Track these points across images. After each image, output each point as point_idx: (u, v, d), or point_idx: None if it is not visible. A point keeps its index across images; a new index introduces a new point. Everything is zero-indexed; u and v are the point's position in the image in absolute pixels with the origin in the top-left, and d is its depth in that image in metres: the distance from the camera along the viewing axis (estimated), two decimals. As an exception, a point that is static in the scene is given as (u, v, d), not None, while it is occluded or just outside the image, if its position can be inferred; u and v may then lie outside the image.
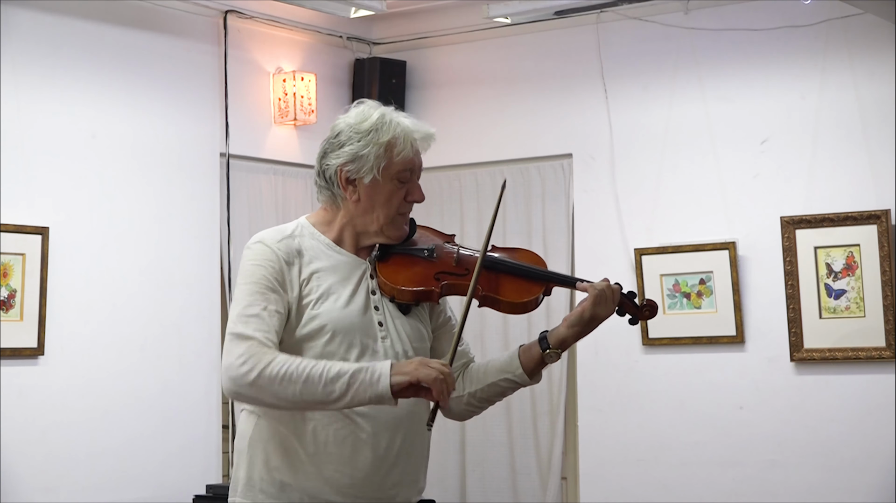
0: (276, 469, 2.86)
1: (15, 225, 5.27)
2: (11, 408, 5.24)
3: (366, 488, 2.86)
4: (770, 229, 5.86)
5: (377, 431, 2.86)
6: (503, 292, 2.97)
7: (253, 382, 2.74)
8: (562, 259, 6.44)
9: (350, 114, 2.98)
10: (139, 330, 5.73)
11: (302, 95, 6.38)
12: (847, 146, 5.75)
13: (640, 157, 6.25)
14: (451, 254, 3.01)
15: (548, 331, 3.01)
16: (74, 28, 5.59)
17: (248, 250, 2.91)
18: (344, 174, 2.92)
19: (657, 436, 6.12)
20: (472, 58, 6.79)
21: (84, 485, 5.47)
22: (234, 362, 2.76)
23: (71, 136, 5.55)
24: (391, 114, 2.95)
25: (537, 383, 3.06)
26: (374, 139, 2.90)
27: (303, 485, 2.85)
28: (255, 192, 6.31)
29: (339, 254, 2.94)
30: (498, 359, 3.05)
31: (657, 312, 3.10)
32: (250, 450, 2.90)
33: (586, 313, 2.96)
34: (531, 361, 3.00)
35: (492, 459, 6.57)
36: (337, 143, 2.94)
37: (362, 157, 2.90)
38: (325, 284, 2.88)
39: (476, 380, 3.05)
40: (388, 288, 2.94)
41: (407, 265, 2.97)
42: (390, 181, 2.92)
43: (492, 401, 3.07)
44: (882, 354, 5.60)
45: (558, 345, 2.98)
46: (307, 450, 2.84)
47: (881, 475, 5.57)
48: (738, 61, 6.02)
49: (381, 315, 2.93)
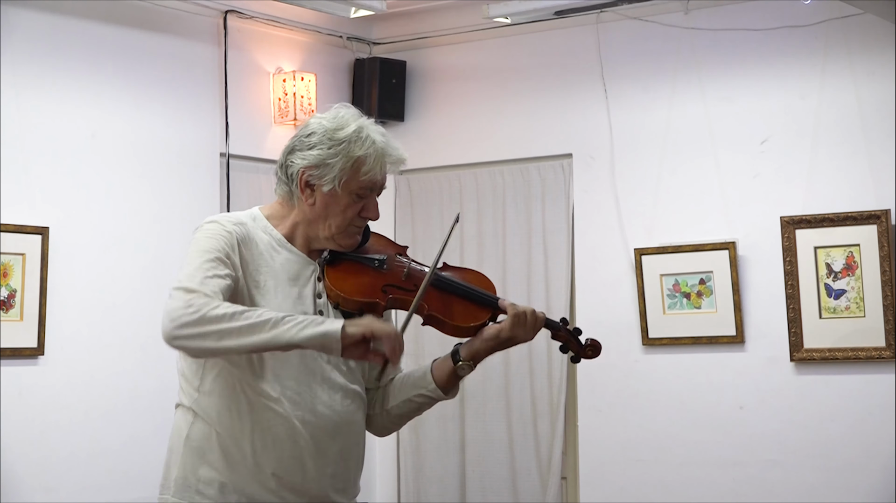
0: (215, 469, 2.81)
1: (15, 225, 5.27)
2: (11, 408, 5.24)
3: (303, 491, 2.84)
4: (770, 229, 5.86)
5: (316, 436, 2.83)
6: (449, 314, 2.91)
7: (197, 321, 2.63)
8: (562, 259, 6.44)
9: (327, 115, 2.89)
10: (139, 330, 5.73)
11: (302, 95, 6.38)
12: (847, 146, 5.75)
13: (640, 157, 6.25)
14: (402, 267, 2.94)
15: (461, 343, 2.95)
16: (74, 28, 5.59)
17: (201, 228, 2.84)
18: (305, 177, 2.85)
19: (657, 436, 6.12)
20: (472, 58, 6.79)
21: (84, 485, 5.47)
22: (176, 307, 2.67)
23: (71, 136, 5.55)
24: (369, 128, 2.86)
25: (453, 397, 3.00)
26: (346, 151, 2.83)
27: (240, 486, 2.80)
28: (255, 192, 6.30)
29: (289, 252, 2.89)
30: (413, 374, 3.00)
31: (600, 353, 3.02)
32: (186, 449, 2.85)
33: (503, 333, 2.90)
34: (444, 375, 2.94)
35: (492, 459, 6.57)
36: (307, 143, 2.86)
37: (328, 165, 2.83)
38: (271, 281, 2.83)
39: (392, 396, 3.00)
40: (332, 294, 2.87)
41: (355, 273, 2.90)
42: (348, 195, 2.85)
43: (409, 417, 3.02)
44: (882, 354, 5.60)
45: (470, 357, 2.92)
46: (244, 452, 2.80)
47: (881, 475, 5.57)
48: (738, 61, 6.01)
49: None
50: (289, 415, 2.81)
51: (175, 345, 2.71)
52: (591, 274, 6.34)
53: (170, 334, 2.69)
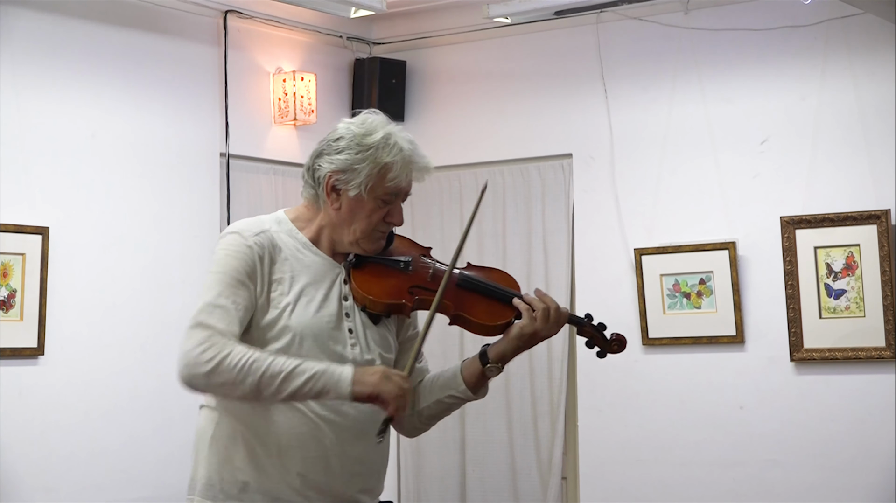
0: (238, 469, 2.82)
1: (15, 225, 5.27)
2: (11, 408, 5.24)
3: (327, 491, 2.85)
4: (770, 229, 5.86)
5: (340, 437, 2.84)
6: (475, 313, 2.94)
7: (211, 371, 2.69)
8: (562, 259, 6.44)
9: (356, 121, 2.92)
10: (139, 330, 5.73)
11: (302, 95, 6.38)
12: (847, 146, 5.75)
13: (640, 157, 6.25)
14: (427, 268, 2.97)
15: (489, 344, 2.97)
16: (74, 28, 5.59)
17: (223, 239, 2.88)
18: (332, 181, 2.88)
19: (657, 436, 6.12)
20: (472, 58, 6.79)
21: (84, 485, 5.47)
22: (191, 349, 2.72)
23: (71, 136, 5.55)
24: (397, 135, 2.89)
25: (483, 398, 3.03)
26: (373, 157, 2.85)
27: (264, 485, 2.82)
28: (255, 192, 6.31)
29: (314, 255, 2.91)
30: (443, 375, 3.02)
31: (626, 347, 3.07)
32: (211, 449, 2.86)
33: (526, 329, 2.92)
34: (473, 376, 2.96)
35: (492, 459, 6.57)
36: (335, 148, 2.89)
37: (355, 170, 2.86)
38: (297, 285, 2.85)
39: (423, 398, 3.02)
40: (360, 297, 2.90)
41: (382, 276, 2.93)
42: (374, 200, 2.88)
43: (439, 417, 3.05)
44: (882, 354, 5.60)
45: (498, 359, 2.94)
46: (269, 452, 2.82)
47: (881, 475, 5.57)
48: (738, 61, 6.02)
49: (351, 322, 2.90)
50: (314, 414, 2.82)
51: (189, 388, 2.78)
52: (591, 274, 6.34)
53: (185, 379, 2.75)
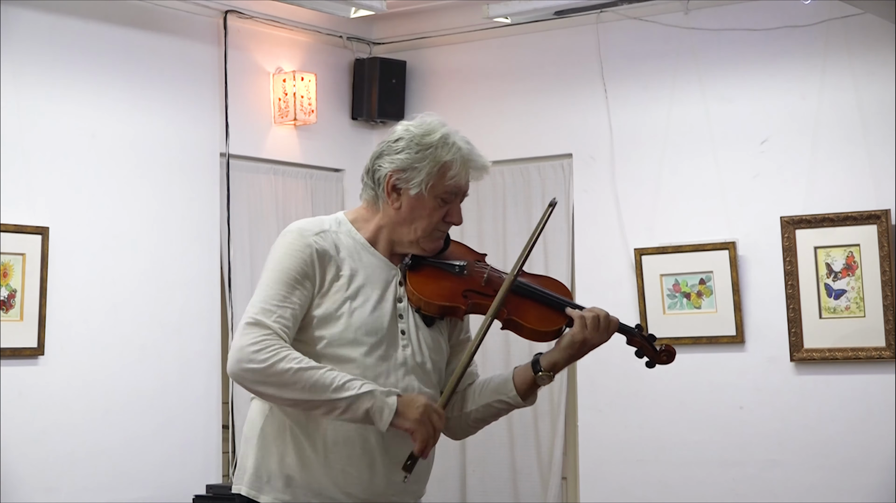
0: (285, 464, 2.87)
1: (15, 225, 5.27)
2: (11, 408, 5.24)
3: (370, 490, 2.89)
4: (770, 229, 5.86)
5: (387, 436, 2.87)
6: (527, 318, 2.99)
7: (263, 370, 2.75)
8: (562, 259, 6.44)
9: (414, 122, 2.98)
10: (139, 330, 5.73)
11: (302, 95, 6.38)
12: (847, 146, 5.75)
13: (640, 157, 6.25)
14: (482, 273, 3.02)
15: (541, 353, 3.02)
16: (74, 28, 5.59)
17: (283, 237, 2.92)
18: (392, 180, 2.92)
19: (657, 436, 6.12)
20: (472, 58, 6.79)
21: (84, 485, 5.48)
22: (247, 346, 2.77)
23: (71, 136, 5.56)
24: (455, 135, 2.96)
25: (532, 405, 3.09)
26: (433, 155, 2.92)
27: (309, 482, 2.86)
28: (255, 192, 6.31)
29: (372, 256, 2.96)
30: (494, 380, 3.07)
31: (675, 358, 3.09)
32: (260, 442, 2.91)
33: (577, 337, 2.98)
34: (525, 383, 3.03)
35: (492, 459, 6.57)
36: (395, 148, 2.94)
37: (416, 168, 2.91)
38: (354, 284, 2.90)
39: (472, 401, 3.07)
40: (415, 298, 2.95)
41: (437, 278, 2.98)
42: (434, 199, 2.93)
43: (487, 422, 3.11)
44: (882, 354, 5.60)
45: (550, 367, 3.01)
46: (316, 448, 2.86)
47: (881, 475, 5.57)
48: (738, 61, 6.02)
49: (405, 323, 2.94)
50: None
51: (237, 383, 2.83)
52: (591, 274, 6.34)
53: (235, 374, 2.80)
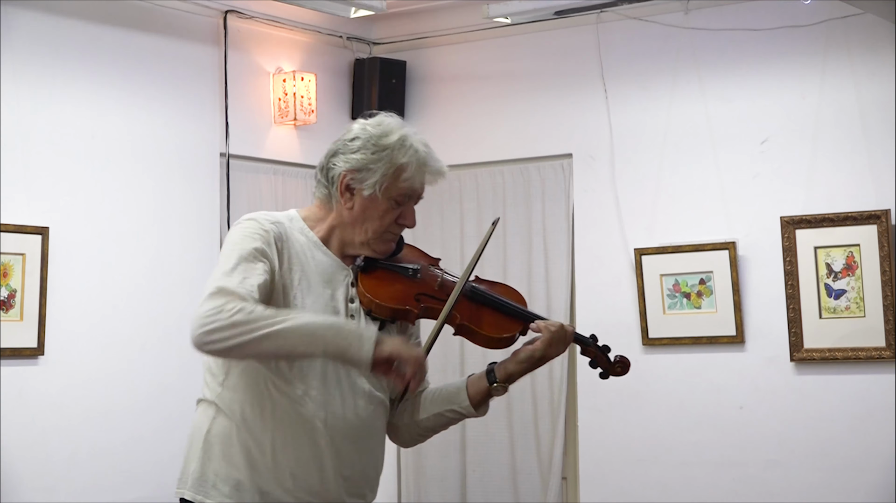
0: (233, 467, 2.82)
1: (15, 225, 5.27)
2: (11, 408, 5.24)
3: (319, 492, 2.84)
4: (770, 229, 5.86)
5: (336, 439, 2.84)
6: (481, 324, 2.95)
7: (230, 325, 2.61)
8: (562, 259, 6.44)
9: (372, 122, 2.93)
10: (139, 330, 5.73)
11: (302, 95, 6.38)
12: (847, 146, 5.75)
13: (640, 157, 6.25)
14: (436, 277, 2.98)
15: (496, 363, 2.98)
16: (74, 28, 5.59)
17: (238, 224, 2.86)
18: (346, 180, 2.89)
19: (657, 436, 6.12)
20: (472, 58, 6.79)
21: (84, 485, 5.47)
22: (208, 311, 2.63)
23: (71, 136, 5.55)
24: (413, 138, 2.92)
25: (483, 415, 3.02)
26: (389, 157, 2.87)
27: (258, 485, 2.81)
28: (255, 192, 6.31)
29: (323, 255, 2.92)
30: (446, 389, 3.02)
31: (629, 370, 3.05)
32: (206, 445, 2.85)
33: (537, 353, 2.94)
34: (479, 394, 2.98)
35: (492, 459, 6.57)
36: (351, 147, 2.90)
37: (370, 169, 2.87)
38: (305, 281, 2.85)
39: (424, 409, 3.02)
40: (366, 300, 2.90)
41: (389, 281, 2.94)
42: (387, 200, 2.89)
43: (436, 431, 3.05)
44: (882, 354, 5.60)
45: (505, 379, 2.96)
46: (264, 451, 2.81)
47: (881, 475, 5.57)
48: (738, 61, 6.02)
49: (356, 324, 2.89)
50: (311, 415, 2.82)
51: (205, 351, 2.68)
52: (591, 274, 6.34)
53: (200, 340, 2.65)
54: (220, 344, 2.64)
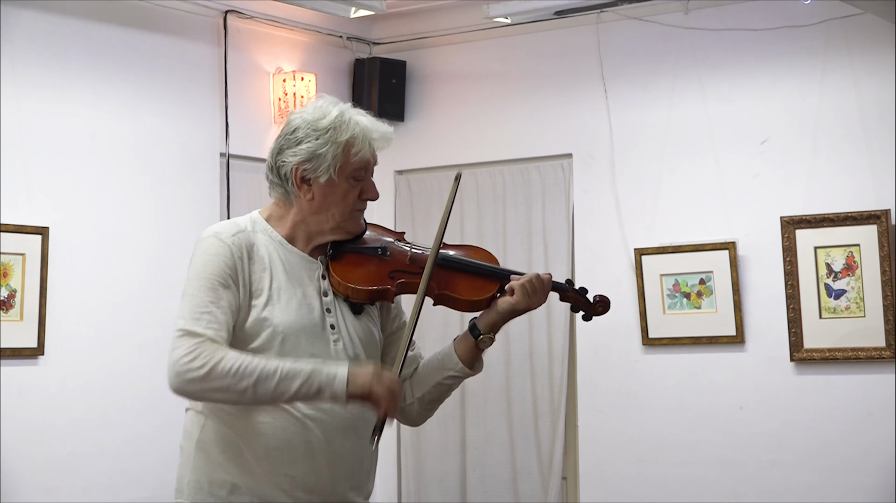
0: (226, 471, 2.82)
1: (15, 225, 5.27)
2: (11, 408, 5.24)
3: (316, 491, 2.83)
4: (770, 229, 5.86)
5: (328, 435, 2.83)
6: (459, 290, 2.96)
7: (204, 377, 2.69)
8: (562, 259, 6.44)
9: (307, 109, 2.93)
10: (139, 330, 5.73)
11: (302, 95, 6.38)
12: (847, 146, 5.75)
13: (640, 157, 6.25)
14: (405, 252, 2.98)
15: (476, 317, 2.99)
16: (74, 28, 5.59)
17: (201, 244, 2.87)
18: (300, 173, 2.88)
19: (657, 436, 6.12)
20: (472, 58, 6.79)
21: (84, 485, 5.47)
22: (181, 358, 2.72)
23: (71, 136, 5.55)
24: (349, 111, 2.91)
25: (479, 371, 3.03)
26: (333, 138, 2.86)
27: (252, 487, 2.81)
28: (255, 192, 6.30)
29: (290, 253, 2.91)
30: (435, 358, 3.03)
31: (610, 307, 3.10)
32: (198, 452, 2.85)
33: (519, 306, 2.95)
34: (468, 352, 2.98)
35: (492, 460, 6.57)
36: (294, 140, 2.89)
37: (320, 155, 2.86)
38: (275, 284, 2.85)
39: (420, 385, 3.02)
40: (342, 287, 2.90)
41: (360, 264, 2.93)
42: (346, 180, 2.88)
43: (440, 401, 3.05)
44: (882, 354, 5.60)
45: (489, 329, 2.97)
46: (256, 453, 2.81)
47: (881, 475, 5.57)
48: (738, 61, 6.01)
49: (332, 317, 2.89)
50: (301, 413, 2.81)
51: (183, 396, 2.78)
52: (591, 274, 6.33)
53: (175, 387, 2.75)
54: (198, 394, 2.75)
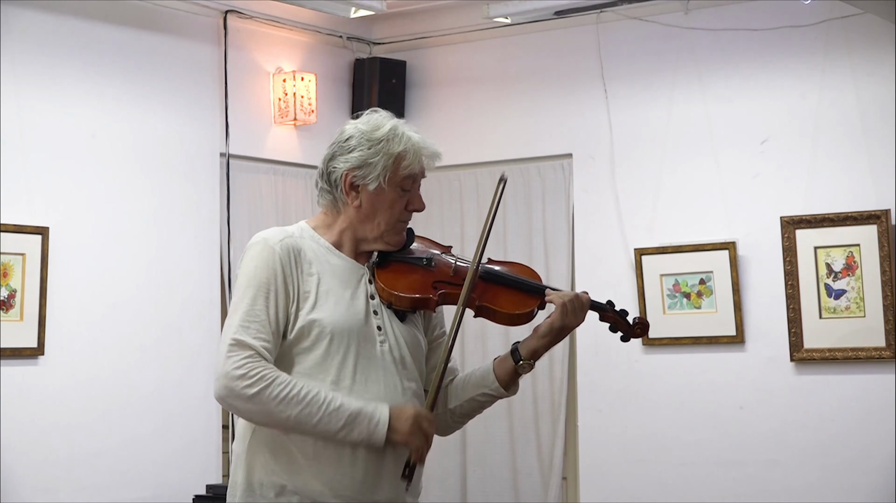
0: (275, 472, 2.88)
1: (15, 225, 5.27)
2: (11, 408, 5.24)
3: (364, 491, 2.88)
4: (770, 229, 5.86)
5: None
6: (499, 303, 3.02)
7: (251, 397, 2.79)
8: (562, 259, 6.44)
9: (361, 120, 3.01)
10: (139, 330, 5.73)
11: (302, 95, 6.38)
12: (847, 146, 5.75)
13: (640, 157, 6.25)
14: (449, 264, 3.05)
15: (519, 342, 3.04)
16: (74, 28, 5.59)
17: (250, 249, 2.94)
18: (349, 179, 2.95)
19: (657, 436, 6.12)
20: (472, 58, 6.79)
21: (84, 485, 5.47)
22: (232, 371, 2.81)
23: (71, 136, 5.55)
24: (403, 126, 3.00)
25: (514, 394, 3.09)
26: (385, 149, 2.94)
27: (301, 488, 2.86)
28: (255, 192, 6.31)
29: (338, 258, 2.97)
30: (474, 374, 3.09)
31: (649, 330, 3.16)
32: (249, 454, 2.92)
33: (556, 324, 3.00)
34: (506, 374, 3.04)
35: (493, 459, 6.57)
36: (346, 148, 2.97)
37: (371, 164, 2.94)
38: (324, 287, 2.91)
39: (456, 397, 3.09)
40: (385, 293, 2.97)
41: (405, 272, 3.02)
42: (393, 190, 2.96)
43: (471, 416, 3.12)
44: (882, 354, 5.60)
45: (530, 356, 3.02)
46: (306, 454, 2.86)
47: (881, 475, 5.57)
48: (738, 61, 6.02)
49: (379, 319, 2.96)
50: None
51: (224, 407, 2.88)
52: (591, 274, 6.34)
53: (222, 399, 2.85)
54: (243, 412, 2.85)
